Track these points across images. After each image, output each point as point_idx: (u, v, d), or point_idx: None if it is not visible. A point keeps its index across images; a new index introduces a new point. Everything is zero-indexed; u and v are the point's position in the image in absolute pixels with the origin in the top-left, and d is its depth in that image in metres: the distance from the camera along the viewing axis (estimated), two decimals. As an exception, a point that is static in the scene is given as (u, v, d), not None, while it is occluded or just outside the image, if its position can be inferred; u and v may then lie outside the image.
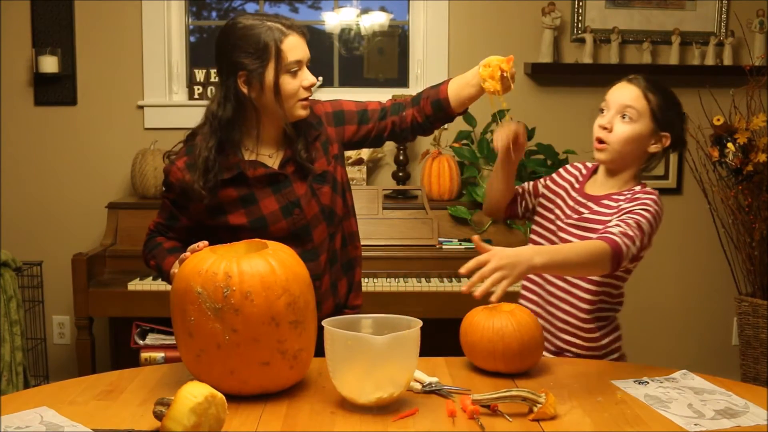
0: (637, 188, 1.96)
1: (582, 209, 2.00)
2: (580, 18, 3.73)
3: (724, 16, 3.75)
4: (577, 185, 2.07)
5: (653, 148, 1.96)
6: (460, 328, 1.84)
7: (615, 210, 1.91)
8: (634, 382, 1.75)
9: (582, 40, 3.72)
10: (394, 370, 1.55)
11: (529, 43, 3.72)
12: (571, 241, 1.93)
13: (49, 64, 3.61)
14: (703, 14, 3.77)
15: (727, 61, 3.71)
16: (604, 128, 1.94)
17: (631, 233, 1.80)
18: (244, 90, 1.96)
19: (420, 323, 1.60)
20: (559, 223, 2.03)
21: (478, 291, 1.63)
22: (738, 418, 1.55)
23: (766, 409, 1.60)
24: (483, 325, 1.77)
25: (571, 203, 2.04)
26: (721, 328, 3.92)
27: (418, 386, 1.67)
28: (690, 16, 3.77)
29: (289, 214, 2.04)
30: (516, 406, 1.57)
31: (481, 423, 1.51)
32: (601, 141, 1.95)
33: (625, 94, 1.94)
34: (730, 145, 3.42)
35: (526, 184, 2.17)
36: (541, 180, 2.15)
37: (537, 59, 3.70)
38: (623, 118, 1.93)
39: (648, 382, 1.74)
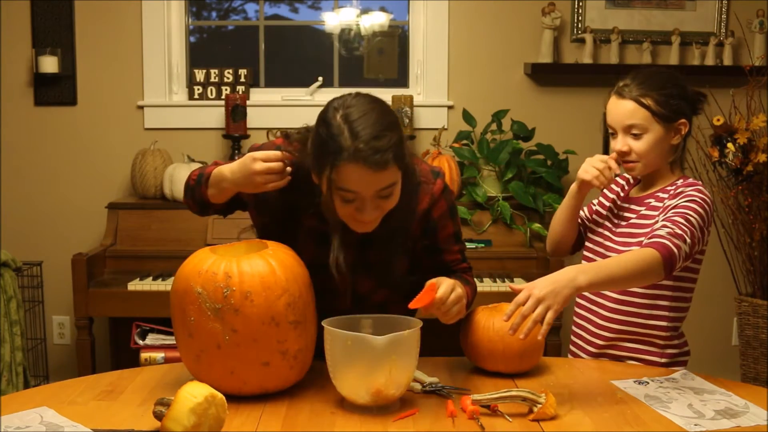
0: (680, 182, 1.92)
1: (628, 214, 1.96)
2: (580, 18, 3.73)
3: (724, 16, 3.75)
4: (623, 194, 2.03)
5: (675, 139, 1.92)
6: (460, 328, 1.84)
7: (661, 209, 1.87)
8: (634, 382, 1.74)
9: (582, 41, 3.71)
10: (394, 370, 1.55)
11: (529, 43, 3.72)
12: (623, 251, 1.85)
13: (49, 64, 3.61)
14: (703, 14, 3.77)
15: (727, 61, 3.71)
16: (624, 152, 1.91)
17: (679, 231, 1.74)
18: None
19: (420, 323, 1.60)
20: (608, 234, 1.98)
21: (522, 332, 1.59)
22: (738, 419, 1.55)
23: (766, 409, 1.60)
24: (483, 325, 1.77)
25: (617, 212, 2.00)
26: (721, 328, 3.92)
27: (418, 386, 1.67)
28: (690, 16, 3.77)
29: (317, 273, 1.73)
30: (516, 406, 1.57)
31: (481, 423, 1.51)
32: (627, 161, 1.92)
33: (622, 112, 1.90)
34: (730, 145, 3.42)
35: (581, 212, 2.10)
36: (594, 200, 2.11)
37: (537, 59, 3.69)
38: (633, 136, 1.89)
39: (648, 382, 1.74)
